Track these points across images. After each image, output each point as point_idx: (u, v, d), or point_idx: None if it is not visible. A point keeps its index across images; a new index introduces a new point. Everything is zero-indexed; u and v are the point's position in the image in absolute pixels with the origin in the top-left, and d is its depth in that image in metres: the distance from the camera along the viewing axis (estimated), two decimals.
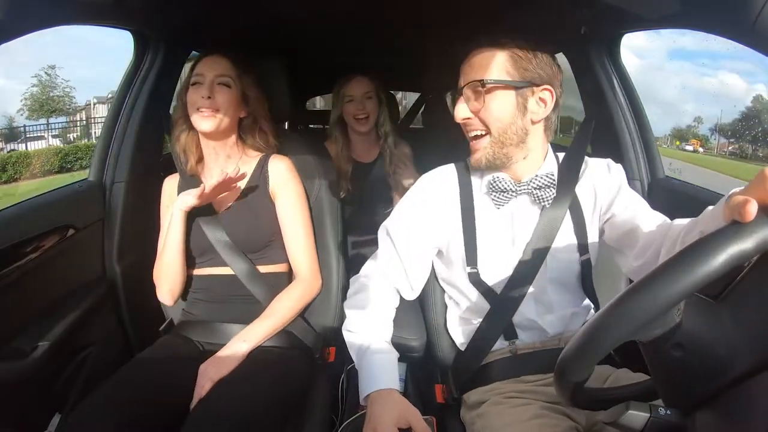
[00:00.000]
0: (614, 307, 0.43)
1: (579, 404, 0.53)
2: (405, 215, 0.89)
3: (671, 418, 0.46)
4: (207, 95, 0.98)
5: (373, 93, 1.58)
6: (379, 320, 0.85)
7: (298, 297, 1.03)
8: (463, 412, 0.89)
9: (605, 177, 0.87)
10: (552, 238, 0.83)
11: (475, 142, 0.81)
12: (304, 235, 1.07)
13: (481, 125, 0.80)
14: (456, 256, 0.88)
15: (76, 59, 28.78)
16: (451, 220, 0.87)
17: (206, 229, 1.02)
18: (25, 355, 0.91)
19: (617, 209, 0.86)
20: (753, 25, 0.65)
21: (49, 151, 4.04)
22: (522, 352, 0.86)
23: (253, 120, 1.08)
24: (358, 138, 1.63)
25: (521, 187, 0.83)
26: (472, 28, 0.94)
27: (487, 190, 0.85)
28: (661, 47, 16.09)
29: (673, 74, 25.11)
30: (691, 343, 0.44)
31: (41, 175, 3.76)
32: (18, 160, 3.82)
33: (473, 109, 0.79)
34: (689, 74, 29.02)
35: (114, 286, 1.17)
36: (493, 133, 0.79)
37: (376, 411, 0.71)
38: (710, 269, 0.39)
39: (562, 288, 0.87)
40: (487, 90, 0.77)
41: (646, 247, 0.80)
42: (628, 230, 0.83)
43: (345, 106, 1.57)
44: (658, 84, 20.89)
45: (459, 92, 0.80)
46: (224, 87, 1.01)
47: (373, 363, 0.78)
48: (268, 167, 1.07)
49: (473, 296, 0.88)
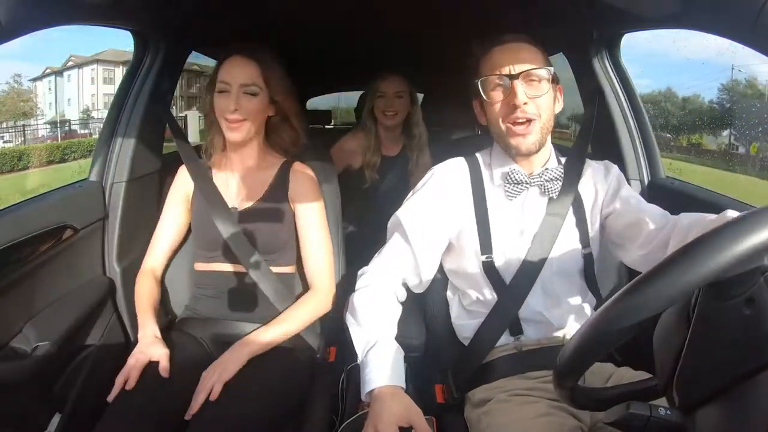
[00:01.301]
0: (617, 303, 0.43)
1: (579, 404, 0.53)
2: (417, 205, 0.90)
3: (671, 418, 0.46)
4: (234, 108, 0.96)
5: (404, 92, 1.66)
6: (386, 316, 0.85)
7: (312, 310, 1.02)
8: (468, 410, 0.88)
9: (604, 176, 0.92)
10: (558, 230, 0.87)
11: (522, 127, 0.83)
12: (325, 248, 1.06)
13: (534, 110, 0.82)
14: (469, 245, 0.89)
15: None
16: (463, 209, 0.89)
17: (221, 225, 1.01)
18: (25, 355, 0.91)
19: (617, 204, 0.89)
20: (753, 25, 0.65)
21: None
22: (527, 348, 0.87)
23: (282, 118, 1.06)
24: (384, 132, 1.71)
25: (533, 179, 0.88)
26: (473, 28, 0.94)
27: (501, 182, 0.89)
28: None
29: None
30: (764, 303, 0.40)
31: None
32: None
33: (529, 95, 0.82)
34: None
35: (114, 286, 1.17)
36: (543, 119, 0.84)
37: (378, 408, 0.70)
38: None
39: (568, 281, 0.89)
40: (541, 78, 0.83)
41: (651, 237, 0.81)
42: (630, 222, 0.85)
43: (376, 101, 1.65)
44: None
45: (515, 76, 0.81)
46: (250, 96, 0.98)
47: (378, 359, 0.77)
48: (290, 174, 1.06)
49: (483, 287, 0.89)
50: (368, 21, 1.56)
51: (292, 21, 1.55)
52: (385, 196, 1.67)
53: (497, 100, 0.84)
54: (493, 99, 0.84)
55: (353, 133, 1.76)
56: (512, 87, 0.81)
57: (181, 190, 1.10)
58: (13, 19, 0.69)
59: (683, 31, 0.90)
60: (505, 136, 0.85)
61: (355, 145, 1.71)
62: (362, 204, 1.65)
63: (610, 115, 1.24)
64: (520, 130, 0.83)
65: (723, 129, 2.60)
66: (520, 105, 0.81)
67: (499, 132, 0.86)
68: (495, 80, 0.83)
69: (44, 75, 5.40)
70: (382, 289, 0.87)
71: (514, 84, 0.81)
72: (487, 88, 0.84)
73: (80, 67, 5.27)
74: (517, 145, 0.84)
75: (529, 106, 0.82)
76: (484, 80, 0.84)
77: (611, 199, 0.90)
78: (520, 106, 0.81)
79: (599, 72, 1.23)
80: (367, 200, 1.67)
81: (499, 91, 0.83)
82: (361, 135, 1.71)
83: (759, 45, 0.67)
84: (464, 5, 1.29)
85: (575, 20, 1.17)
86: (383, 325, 0.83)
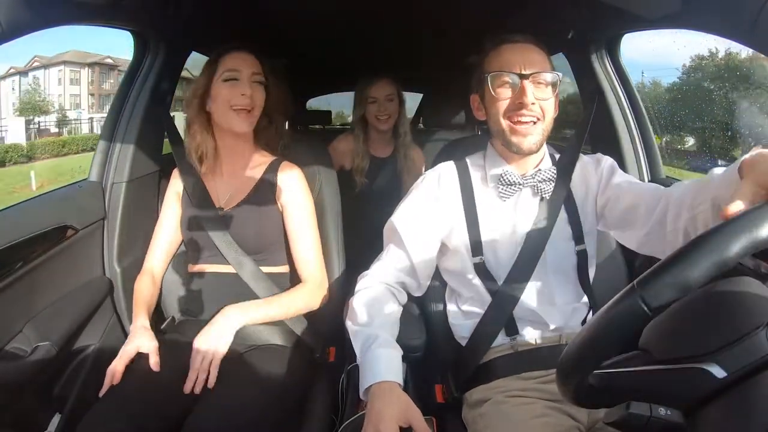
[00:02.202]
0: (623, 299, 0.43)
1: (582, 402, 0.53)
2: (410, 210, 0.92)
3: (671, 418, 0.46)
4: (249, 92, 0.96)
5: (394, 95, 1.69)
6: (386, 317, 0.85)
7: (308, 298, 1.02)
8: (465, 411, 0.89)
9: (595, 169, 0.93)
10: (550, 228, 0.87)
11: (526, 127, 0.84)
12: (314, 246, 1.06)
13: (540, 112, 0.83)
14: (460, 247, 0.90)
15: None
16: (454, 211, 0.90)
17: (207, 225, 1.02)
18: (25, 355, 0.91)
19: (611, 192, 0.89)
20: (753, 25, 0.65)
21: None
22: (523, 348, 0.87)
23: (269, 119, 1.07)
24: (377, 135, 1.75)
25: (526, 181, 0.88)
26: (473, 28, 0.95)
27: (494, 183, 0.90)
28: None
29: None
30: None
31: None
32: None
33: (536, 96, 0.82)
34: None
35: (114, 287, 1.17)
36: (545, 121, 0.85)
37: (377, 406, 0.70)
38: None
39: (562, 279, 0.90)
40: (548, 83, 0.84)
41: (648, 215, 0.80)
42: (626, 206, 0.85)
43: (368, 107, 1.68)
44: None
45: (525, 76, 0.82)
46: (259, 85, 1.00)
47: (377, 356, 0.77)
48: (278, 173, 1.06)
49: (477, 287, 0.89)
50: (368, 21, 1.56)
51: (292, 21, 1.55)
52: (379, 196, 1.71)
53: (504, 97, 0.84)
54: (500, 95, 0.84)
55: (346, 135, 1.79)
56: (522, 86, 0.82)
57: (175, 191, 1.10)
58: (13, 20, 0.69)
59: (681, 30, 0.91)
60: (506, 133, 0.85)
61: (346, 147, 1.75)
62: (355, 204, 1.64)
63: (610, 116, 1.24)
64: (523, 129, 0.83)
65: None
66: (527, 104, 0.81)
67: (499, 129, 0.86)
68: (504, 77, 0.84)
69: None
70: (380, 291, 0.88)
71: (524, 83, 0.81)
72: (495, 83, 0.84)
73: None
74: (518, 143, 0.84)
75: (536, 106, 0.82)
76: (494, 75, 0.84)
77: (604, 189, 0.90)
78: (527, 105, 0.81)
79: (599, 72, 1.23)
80: (361, 201, 1.69)
81: (507, 88, 0.84)
82: (351, 138, 1.75)
83: (759, 45, 0.67)
84: (465, 5, 1.29)
85: (575, 20, 1.17)
86: (381, 324, 0.83)
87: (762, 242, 0.39)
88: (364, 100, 1.69)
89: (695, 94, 2.06)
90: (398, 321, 0.88)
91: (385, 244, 0.94)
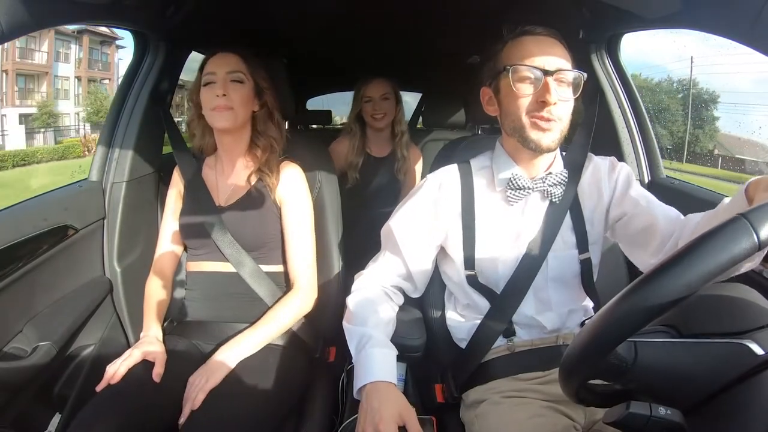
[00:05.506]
0: (625, 298, 0.42)
1: (584, 401, 0.53)
2: (408, 215, 0.90)
3: (671, 417, 0.46)
4: (222, 93, 0.98)
5: (390, 94, 1.70)
6: (380, 317, 0.85)
7: (297, 308, 1.02)
8: (463, 411, 0.89)
9: (609, 175, 0.88)
10: (554, 235, 0.84)
11: (547, 123, 0.77)
12: (308, 247, 1.06)
13: (559, 113, 0.77)
14: (455, 256, 0.89)
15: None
16: (452, 221, 0.88)
17: (206, 221, 1.02)
18: (25, 355, 0.91)
19: (628, 207, 0.85)
20: (753, 25, 0.65)
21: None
22: (519, 349, 0.86)
23: (267, 113, 1.08)
24: (374, 134, 1.76)
25: (536, 184, 0.84)
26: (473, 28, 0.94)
27: (502, 187, 0.85)
28: None
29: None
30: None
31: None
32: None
33: (558, 96, 0.76)
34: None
35: (114, 286, 1.16)
36: (564, 121, 0.79)
37: (375, 405, 0.70)
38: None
39: (562, 286, 0.87)
40: (570, 83, 0.78)
41: (663, 244, 0.79)
42: (642, 228, 0.83)
43: (364, 106, 1.71)
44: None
45: (550, 73, 0.76)
46: (237, 83, 1.00)
47: (371, 355, 0.77)
48: (278, 172, 1.06)
49: (472, 295, 0.89)
50: (367, 21, 1.56)
51: (291, 21, 1.55)
52: (377, 196, 1.73)
53: (526, 93, 0.77)
54: (521, 91, 0.77)
55: (344, 136, 1.80)
56: (545, 83, 0.75)
57: (177, 190, 1.10)
58: (13, 20, 0.69)
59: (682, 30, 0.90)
60: (526, 129, 0.78)
61: (345, 149, 1.76)
62: (352, 202, 1.63)
63: (610, 115, 1.23)
64: (545, 125, 0.77)
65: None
66: (550, 104, 0.75)
67: (518, 125, 0.79)
68: (526, 72, 0.77)
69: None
70: (375, 292, 0.88)
71: (547, 80, 0.75)
72: (515, 77, 0.77)
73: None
74: (537, 139, 0.77)
75: (558, 107, 0.76)
76: (515, 68, 0.77)
77: (620, 201, 0.86)
78: (550, 104, 0.75)
79: (599, 72, 1.23)
80: (358, 200, 1.70)
81: (528, 83, 0.77)
82: (348, 138, 1.76)
83: (759, 45, 0.67)
84: (464, 4, 1.29)
85: (575, 20, 1.17)
86: (374, 324, 0.83)
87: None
88: (359, 99, 1.70)
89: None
90: (393, 321, 0.88)
91: (382, 247, 0.94)
